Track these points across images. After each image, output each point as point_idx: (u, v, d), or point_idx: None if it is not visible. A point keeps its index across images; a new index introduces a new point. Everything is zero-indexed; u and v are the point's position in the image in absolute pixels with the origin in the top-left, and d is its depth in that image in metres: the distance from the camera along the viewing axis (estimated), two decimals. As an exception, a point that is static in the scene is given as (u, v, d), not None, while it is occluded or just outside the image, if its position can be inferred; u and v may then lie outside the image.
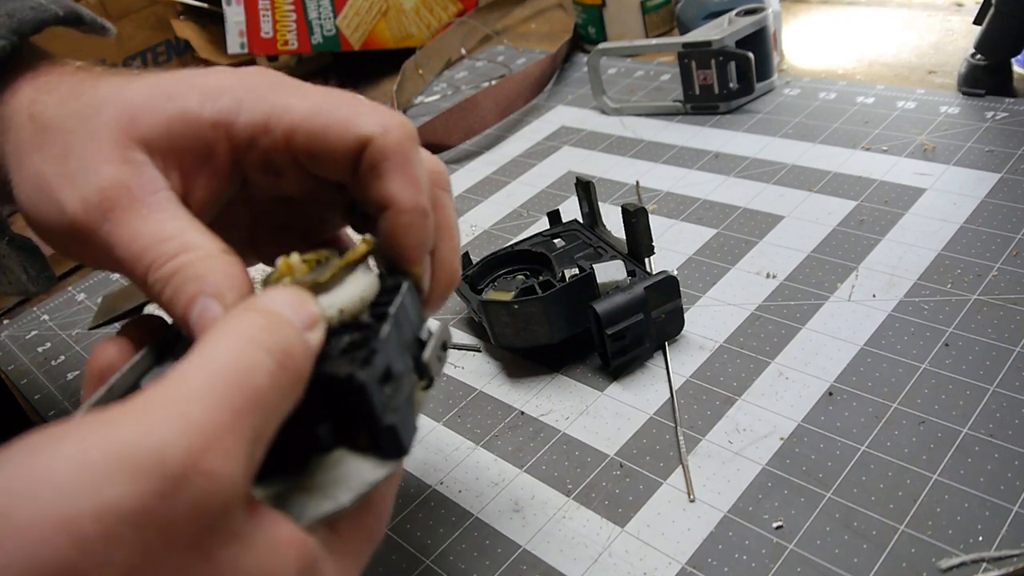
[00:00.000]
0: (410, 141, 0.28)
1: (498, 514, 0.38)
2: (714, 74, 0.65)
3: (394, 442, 0.24)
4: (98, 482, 0.17)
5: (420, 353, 0.28)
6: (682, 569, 0.34)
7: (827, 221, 0.51)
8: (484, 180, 0.66)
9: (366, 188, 0.28)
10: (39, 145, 0.29)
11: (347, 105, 0.28)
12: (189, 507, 0.19)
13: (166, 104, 0.28)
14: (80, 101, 0.29)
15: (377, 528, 0.26)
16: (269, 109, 0.28)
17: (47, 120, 0.29)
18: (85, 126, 0.28)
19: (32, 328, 0.63)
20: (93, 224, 0.27)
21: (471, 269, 0.49)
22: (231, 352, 0.21)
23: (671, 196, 0.58)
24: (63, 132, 0.28)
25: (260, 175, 0.30)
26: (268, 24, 0.84)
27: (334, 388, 0.24)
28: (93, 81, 0.30)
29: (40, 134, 0.29)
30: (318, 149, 0.28)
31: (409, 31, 0.91)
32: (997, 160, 0.52)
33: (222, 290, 0.25)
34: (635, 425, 0.41)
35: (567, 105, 0.75)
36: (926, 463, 0.35)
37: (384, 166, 0.27)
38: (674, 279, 0.43)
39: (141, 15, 0.89)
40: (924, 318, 0.42)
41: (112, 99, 0.28)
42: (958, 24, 0.72)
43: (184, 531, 0.19)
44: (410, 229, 0.28)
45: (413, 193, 0.28)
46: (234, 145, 0.28)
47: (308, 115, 0.27)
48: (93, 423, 0.19)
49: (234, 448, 0.20)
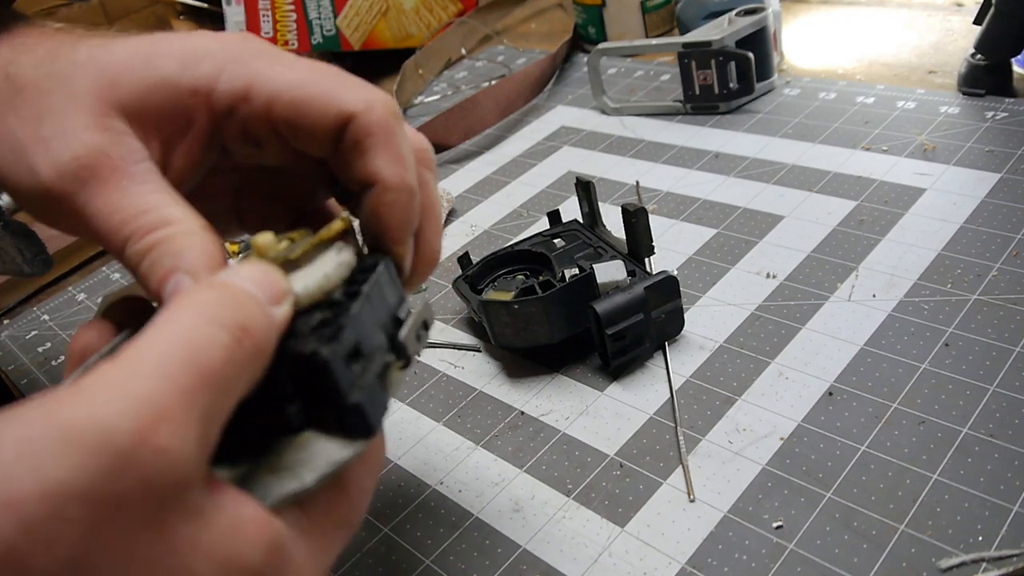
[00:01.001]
0: (394, 117, 0.27)
1: (498, 514, 0.38)
2: (714, 74, 0.65)
3: (360, 421, 0.24)
4: (42, 461, 0.17)
5: (397, 332, 0.27)
6: (682, 569, 0.34)
7: (827, 221, 0.51)
8: (484, 180, 0.66)
9: (349, 165, 0.27)
10: (15, 106, 0.28)
11: (331, 78, 0.27)
12: (139, 484, 0.18)
13: (146, 69, 0.27)
14: (58, 62, 0.28)
15: (351, 512, 0.26)
16: (251, 77, 0.27)
17: (23, 80, 0.28)
18: (62, 88, 0.27)
19: (32, 328, 0.63)
20: (68, 192, 0.26)
21: (471, 269, 0.49)
22: (184, 328, 0.21)
23: (671, 196, 0.58)
24: (39, 93, 0.27)
25: (240, 145, 0.29)
26: (268, 24, 0.84)
27: (300, 365, 0.23)
28: (72, 42, 0.29)
29: (16, 94, 0.28)
30: (299, 122, 0.27)
31: (409, 31, 0.91)
32: (997, 160, 0.52)
33: (197, 268, 0.25)
34: (635, 425, 0.41)
35: (567, 105, 0.75)
36: (926, 463, 0.35)
37: (368, 142, 0.27)
38: (674, 279, 0.43)
39: (141, 15, 0.89)
40: (924, 318, 0.42)
41: (91, 62, 0.28)
42: (958, 24, 0.72)
43: (135, 509, 0.18)
44: (395, 207, 0.27)
45: (399, 170, 0.27)
46: (213, 113, 0.28)
47: (290, 86, 0.27)
48: (41, 403, 0.18)
49: (185, 424, 0.19)
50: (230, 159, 0.30)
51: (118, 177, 0.26)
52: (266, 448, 0.24)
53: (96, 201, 0.26)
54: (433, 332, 0.51)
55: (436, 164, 0.31)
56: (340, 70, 0.28)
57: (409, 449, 0.43)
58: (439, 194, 0.50)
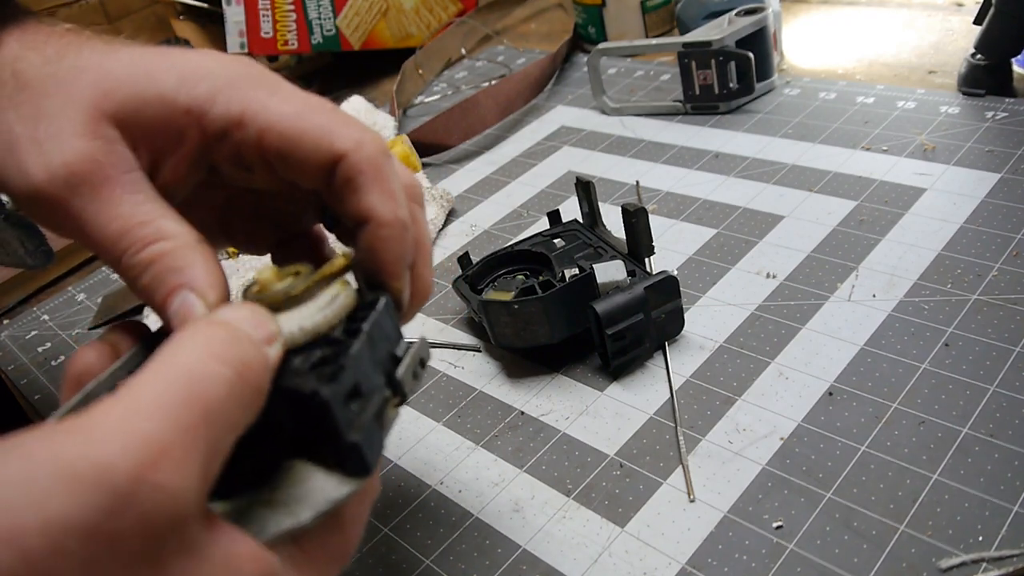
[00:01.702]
0: (384, 156, 0.28)
1: (498, 514, 0.38)
2: (714, 74, 0.65)
3: (358, 460, 0.24)
4: (43, 496, 0.17)
5: (395, 369, 0.27)
6: (682, 569, 0.34)
7: (827, 221, 0.51)
8: (484, 180, 0.66)
9: (342, 201, 0.28)
10: (16, 103, 0.28)
11: (324, 115, 0.28)
12: (138, 520, 0.18)
13: (143, 82, 0.27)
14: (62, 64, 0.28)
15: (344, 547, 0.26)
16: (245, 105, 0.27)
17: (27, 79, 0.28)
18: (61, 91, 0.27)
19: (32, 328, 0.63)
20: (60, 197, 0.26)
21: (471, 269, 0.49)
22: (188, 363, 0.21)
23: (671, 196, 0.58)
24: (39, 94, 0.28)
25: (231, 167, 0.29)
26: (268, 24, 0.84)
27: (299, 403, 0.24)
28: (79, 44, 0.29)
29: (19, 92, 0.28)
30: (290, 156, 0.27)
31: (409, 31, 0.91)
32: (997, 160, 0.52)
33: (204, 288, 0.25)
34: (635, 425, 0.41)
35: (567, 105, 0.75)
36: (926, 463, 0.35)
37: (360, 180, 0.27)
38: (674, 279, 0.43)
39: (141, 15, 0.89)
40: (924, 318, 0.42)
41: (92, 68, 0.28)
42: (958, 24, 0.72)
43: (134, 545, 0.18)
44: (390, 243, 0.28)
45: (392, 207, 0.28)
46: (205, 134, 0.28)
47: (283, 119, 0.27)
48: (42, 436, 0.19)
49: (186, 461, 0.19)
50: (219, 177, 0.30)
51: (111, 185, 0.26)
52: (261, 482, 0.24)
53: (89, 208, 0.26)
54: (433, 332, 0.51)
55: (424, 199, 0.32)
56: (334, 106, 0.28)
57: (409, 449, 0.43)
58: (429, 228, 0.50)
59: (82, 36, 0.30)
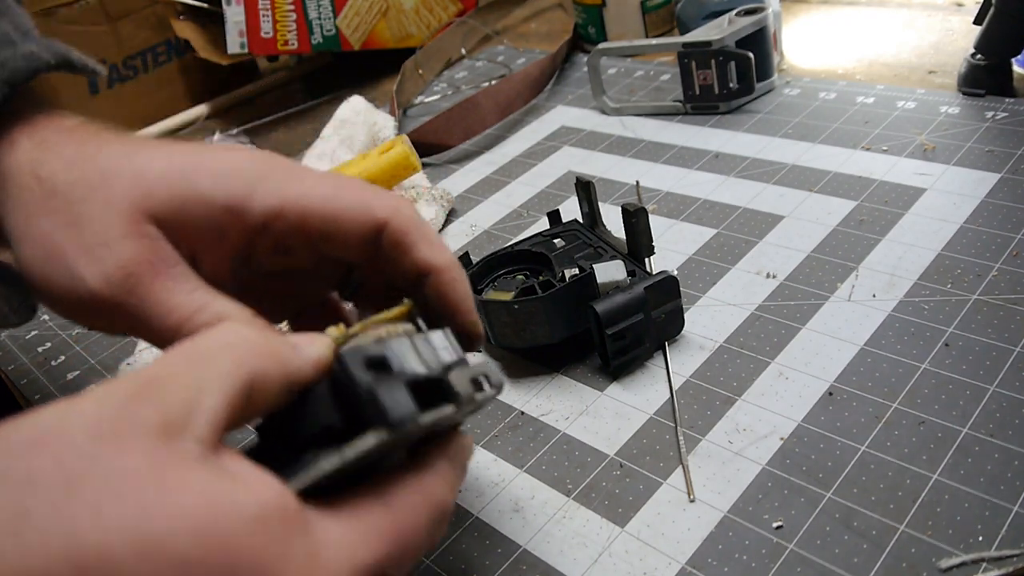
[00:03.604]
0: (418, 214, 0.31)
1: (498, 514, 0.38)
2: (714, 74, 0.65)
3: (375, 407, 0.24)
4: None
5: (447, 375, 0.28)
6: (682, 569, 0.34)
7: (827, 221, 0.51)
8: (484, 180, 0.66)
9: (395, 262, 0.30)
10: (48, 210, 0.29)
11: (358, 191, 0.30)
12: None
13: (180, 183, 0.29)
14: (88, 167, 0.30)
15: (394, 529, 0.25)
16: (282, 195, 0.29)
17: (55, 185, 0.29)
18: (96, 196, 0.29)
19: (32, 328, 0.63)
20: (117, 298, 0.28)
21: (471, 269, 0.49)
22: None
23: (671, 196, 0.58)
24: (73, 201, 0.29)
25: (269, 255, 0.31)
26: (268, 24, 0.84)
27: (335, 382, 0.25)
28: (97, 144, 0.31)
29: (48, 199, 0.29)
30: (334, 233, 0.30)
31: (409, 31, 0.91)
32: (997, 160, 0.52)
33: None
34: (635, 425, 0.41)
35: (567, 105, 0.75)
36: (926, 463, 0.35)
37: (409, 240, 0.30)
38: (674, 279, 0.43)
39: (141, 15, 0.89)
40: (924, 318, 0.42)
41: (124, 170, 0.29)
42: (958, 24, 0.72)
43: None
44: (457, 284, 0.31)
45: (446, 254, 0.31)
46: (247, 229, 0.29)
47: (322, 201, 0.29)
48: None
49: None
50: (249, 263, 0.32)
51: (162, 280, 0.28)
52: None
53: (146, 305, 0.28)
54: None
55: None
56: (361, 181, 0.31)
57: (409, 449, 0.43)
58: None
59: (94, 132, 0.31)
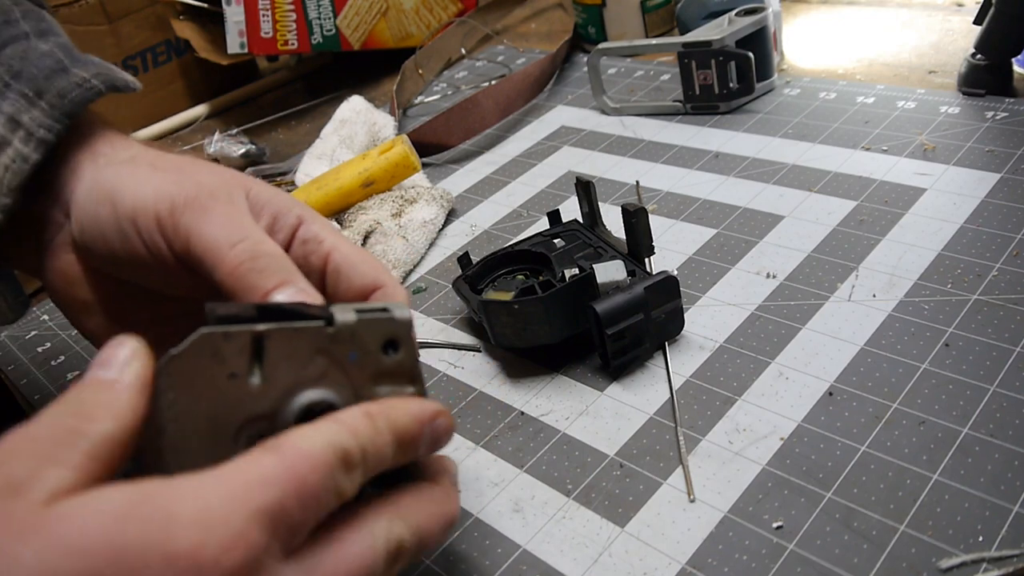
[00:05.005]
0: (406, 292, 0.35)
1: (498, 514, 0.38)
2: (714, 74, 0.65)
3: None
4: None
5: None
6: (682, 569, 0.34)
7: (827, 221, 0.51)
8: (484, 180, 0.66)
9: (341, 294, 0.34)
10: (116, 168, 0.34)
11: (373, 261, 0.34)
12: None
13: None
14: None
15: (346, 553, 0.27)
16: (316, 232, 0.34)
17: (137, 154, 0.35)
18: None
19: (32, 328, 0.63)
20: (174, 216, 0.32)
21: (471, 269, 0.49)
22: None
23: (671, 196, 0.58)
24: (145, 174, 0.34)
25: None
26: (268, 24, 0.84)
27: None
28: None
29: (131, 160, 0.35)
30: (345, 279, 0.34)
31: (409, 31, 0.91)
32: (997, 160, 0.52)
33: (297, 279, 0.31)
34: (635, 425, 0.41)
35: (567, 105, 0.75)
36: (926, 463, 0.35)
37: (383, 293, 0.34)
38: (674, 279, 0.43)
39: (141, 15, 0.89)
40: (924, 318, 0.42)
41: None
42: (958, 24, 0.72)
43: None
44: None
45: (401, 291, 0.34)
46: (292, 238, 0.34)
47: (346, 256, 0.34)
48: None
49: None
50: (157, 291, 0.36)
51: (217, 207, 0.32)
52: None
53: (199, 222, 0.32)
54: (433, 332, 0.51)
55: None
56: (376, 259, 0.36)
57: (409, 449, 0.43)
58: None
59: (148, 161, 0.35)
